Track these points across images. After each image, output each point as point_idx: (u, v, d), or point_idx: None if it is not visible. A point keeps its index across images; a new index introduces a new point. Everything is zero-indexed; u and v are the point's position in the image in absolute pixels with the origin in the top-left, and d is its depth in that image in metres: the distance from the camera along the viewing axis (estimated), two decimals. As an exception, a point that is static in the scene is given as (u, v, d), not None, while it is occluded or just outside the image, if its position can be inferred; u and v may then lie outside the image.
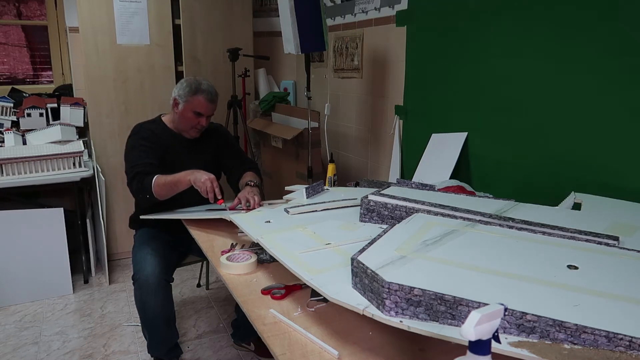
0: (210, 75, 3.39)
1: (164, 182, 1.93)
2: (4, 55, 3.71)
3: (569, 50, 1.63)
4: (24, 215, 2.74)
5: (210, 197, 1.85)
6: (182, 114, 2.10)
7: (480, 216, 1.29)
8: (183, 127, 2.14)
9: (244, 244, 1.63)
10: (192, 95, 2.07)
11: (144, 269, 1.93)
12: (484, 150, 2.03)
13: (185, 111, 2.09)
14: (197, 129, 2.14)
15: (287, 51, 2.53)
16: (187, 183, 1.90)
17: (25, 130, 3.17)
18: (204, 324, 2.59)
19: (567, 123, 1.67)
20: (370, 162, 2.92)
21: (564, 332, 0.81)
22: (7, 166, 2.68)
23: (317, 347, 1.03)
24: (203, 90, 2.08)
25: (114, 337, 2.45)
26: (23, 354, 2.30)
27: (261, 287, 1.32)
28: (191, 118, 2.09)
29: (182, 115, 2.10)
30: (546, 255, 1.07)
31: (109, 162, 3.25)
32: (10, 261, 2.72)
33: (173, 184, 1.92)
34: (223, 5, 3.39)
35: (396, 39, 2.53)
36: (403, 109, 2.52)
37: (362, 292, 1.00)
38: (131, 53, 3.20)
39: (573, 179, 1.65)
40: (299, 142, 2.88)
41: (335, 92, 3.20)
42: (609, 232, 1.18)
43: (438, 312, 0.88)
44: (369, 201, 1.48)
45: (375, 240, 1.15)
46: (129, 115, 3.23)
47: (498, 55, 1.91)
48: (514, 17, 1.82)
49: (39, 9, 3.72)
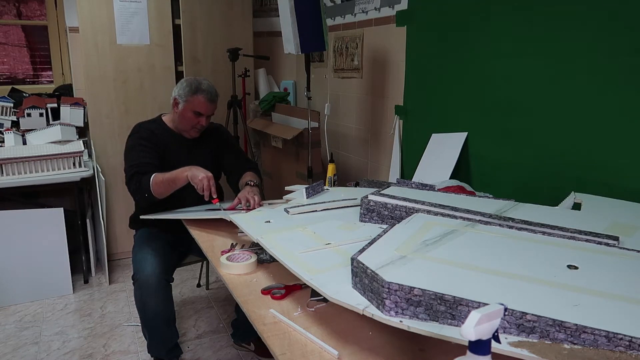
0: (210, 75, 3.39)
1: (161, 179, 1.93)
2: (4, 55, 3.71)
3: (569, 50, 1.63)
4: (24, 215, 2.74)
5: (205, 194, 1.85)
6: (182, 113, 2.10)
7: (480, 216, 1.29)
8: (183, 127, 2.14)
9: (244, 244, 1.63)
10: (192, 95, 2.07)
11: (144, 269, 1.93)
12: (484, 150, 2.03)
13: (185, 111, 2.09)
14: (197, 129, 2.14)
15: (287, 51, 2.53)
16: (185, 179, 1.89)
17: (25, 130, 3.17)
18: (204, 324, 2.59)
19: (567, 123, 1.67)
20: (370, 162, 2.92)
21: (564, 332, 0.81)
22: (7, 166, 2.68)
23: (317, 347, 1.03)
24: (203, 90, 2.08)
25: (114, 337, 2.45)
26: (23, 354, 2.30)
27: (261, 287, 1.32)
28: (191, 118, 2.09)
29: (182, 115, 2.10)
30: (546, 255, 1.07)
31: (109, 162, 3.25)
32: (10, 261, 2.72)
33: (171, 181, 1.92)
34: (223, 5, 3.40)
35: (396, 39, 2.53)
36: (403, 109, 2.52)
37: (362, 292, 1.00)
38: (131, 53, 3.20)
39: (573, 179, 1.65)
40: (299, 142, 2.88)
41: (335, 92, 3.20)
42: (609, 232, 1.18)
43: (438, 312, 0.88)
44: (369, 201, 1.48)
45: (375, 240, 1.15)
46: (129, 115, 3.23)
47: (498, 55, 1.91)
48: (514, 17, 1.82)
49: (39, 9, 3.72)
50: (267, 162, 3.45)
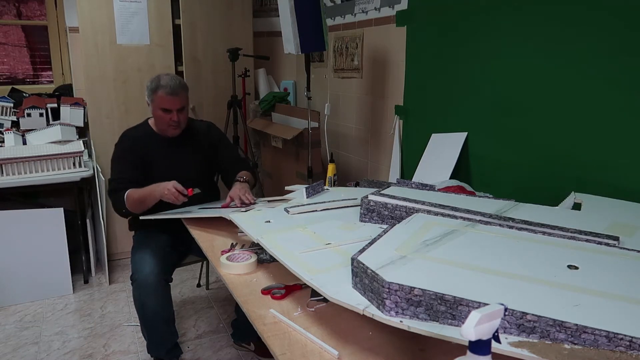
0: (210, 75, 3.40)
1: (133, 197, 1.98)
2: (4, 55, 3.71)
3: (569, 50, 1.63)
4: (24, 215, 2.74)
5: (180, 199, 1.88)
6: (153, 114, 2.11)
7: (480, 216, 1.29)
8: (160, 127, 2.14)
9: (244, 244, 1.63)
10: (154, 93, 2.06)
11: (142, 269, 1.93)
12: (484, 150, 2.03)
13: (155, 110, 2.09)
14: (172, 126, 2.10)
15: (287, 51, 2.53)
16: (156, 198, 1.94)
17: (25, 130, 3.17)
18: (204, 324, 2.59)
19: (567, 123, 1.67)
20: (370, 162, 2.92)
21: (564, 332, 0.81)
22: (7, 166, 2.68)
23: (317, 347, 1.03)
24: (162, 86, 2.04)
25: (114, 337, 2.45)
26: (23, 354, 2.30)
27: (261, 287, 1.32)
28: (162, 116, 2.08)
29: (154, 115, 2.11)
30: (546, 255, 1.07)
31: (109, 162, 3.24)
32: (10, 261, 2.72)
33: (142, 200, 1.97)
34: (223, 5, 3.39)
35: (396, 39, 2.53)
36: (403, 109, 2.52)
37: (362, 292, 1.00)
38: (131, 53, 3.20)
39: (573, 179, 1.65)
40: (299, 142, 2.88)
41: (335, 92, 3.20)
42: (609, 232, 1.18)
43: (438, 312, 0.88)
44: (369, 201, 1.48)
45: (375, 240, 1.15)
46: (129, 115, 3.23)
47: (498, 55, 1.91)
48: (514, 16, 1.82)
49: (39, 9, 3.72)
50: (267, 162, 3.45)
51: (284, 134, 2.93)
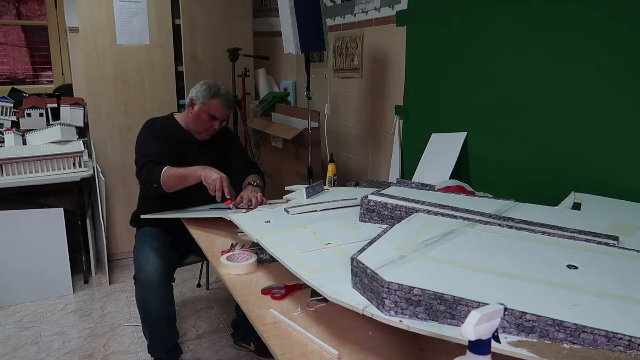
0: (210, 75, 3.39)
1: (173, 173, 1.91)
2: (4, 55, 3.71)
3: (569, 50, 1.63)
4: (24, 215, 2.74)
5: (217, 195, 1.84)
6: (197, 115, 2.10)
7: (480, 216, 1.29)
8: (195, 128, 2.14)
9: (244, 244, 1.63)
10: (210, 98, 2.07)
11: (146, 269, 1.93)
12: (484, 150, 2.03)
13: (200, 112, 2.09)
14: (209, 132, 2.14)
15: (287, 51, 2.53)
16: (197, 178, 1.88)
17: (25, 130, 3.17)
18: (204, 324, 2.59)
19: (567, 123, 1.67)
20: (370, 162, 2.92)
21: (564, 332, 0.81)
22: (7, 166, 2.68)
23: (317, 347, 1.03)
24: (221, 95, 2.08)
25: (114, 337, 2.45)
26: (23, 354, 2.30)
27: (261, 287, 1.32)
28: (205, 120, 2.10)
29: (197, 116, 2.10)
30: (546, 255, 1.07)
31: (109, 162, 3.25)
32: (10, 261, 2.72)
33: (183, 177, 1.91)
34: (223, 5, 3.40)
35: (396, 39, 2.53)
36: (403, 109, 2.52)
37: (362, 292, 1.00)
38: (131, 53, 3.20)
39: (573, 179, 1.65)
40: (299, 142, 2.88)
41: (335, 92, 3.20)
42: (609, 232, 1.18)
43: (438, 312, 0.88)
44: (369, 201, 1.48)
45: (375, 240, 1.15)
46: (129, 115, 3.23)
47: (498, 55, 1.91)
48: (514, 16, 1.82)
49: (38, 9, 3.72)
50: (267, 162, 3.45)
51: (284, 134, 2.93)
